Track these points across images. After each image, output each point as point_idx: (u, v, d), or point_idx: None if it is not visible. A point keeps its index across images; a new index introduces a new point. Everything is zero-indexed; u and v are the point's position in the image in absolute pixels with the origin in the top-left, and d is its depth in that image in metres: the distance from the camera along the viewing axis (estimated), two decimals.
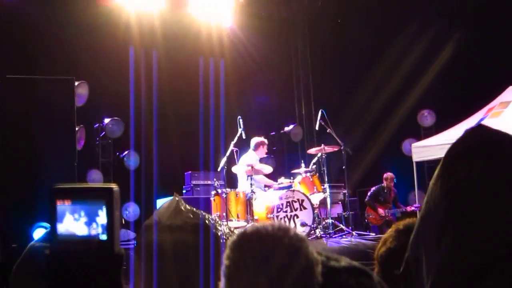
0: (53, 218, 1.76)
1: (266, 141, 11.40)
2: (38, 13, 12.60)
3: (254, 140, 11.18)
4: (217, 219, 1.82)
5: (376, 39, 15.00)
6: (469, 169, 1.44)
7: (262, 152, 11.30)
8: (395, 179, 13.03)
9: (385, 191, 12.89)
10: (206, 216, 1.86)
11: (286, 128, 13.12)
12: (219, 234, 1.76)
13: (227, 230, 1.85)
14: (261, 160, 11.43)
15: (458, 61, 14.09)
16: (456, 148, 1.53)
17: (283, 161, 14.25)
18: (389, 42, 15.00)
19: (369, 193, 13.00)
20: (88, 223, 1.72)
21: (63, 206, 1.75)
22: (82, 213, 1.72)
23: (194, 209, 1.81)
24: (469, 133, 1.55)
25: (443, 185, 1.49)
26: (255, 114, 14.47)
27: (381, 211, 12.66)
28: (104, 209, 1.70)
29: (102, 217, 1.70)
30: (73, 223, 1.73)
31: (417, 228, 1.58)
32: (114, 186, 1.71)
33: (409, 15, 14.72)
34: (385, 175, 12.94)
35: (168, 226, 1.79)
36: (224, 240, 1.78)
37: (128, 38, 13.38)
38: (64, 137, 8.22)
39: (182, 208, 1.77)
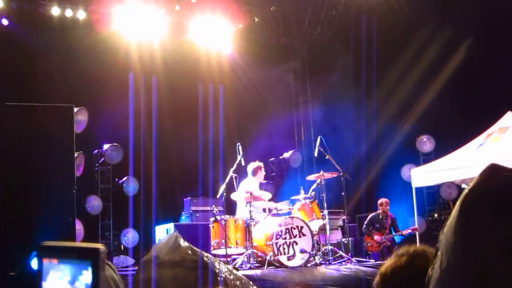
0: (39, 276, 1.77)
1: (262, 165, 11.38)
2: (38, 40, 12.69)
3: (252, 166, 11.18)
4: (215, 258, 1.82)
5: (375, 65, 15.05)
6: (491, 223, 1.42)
7: (261, 176, 11.29)
8: (389, 204, 12.93)
9: (381, 217, 12.78)
10: (205, 254, 1.86)
11: (285, 154, 13.13)
12: (217, 271, 1.76)
13: (226, 269, 1.86)
14: (261, 186, 11.44)
15: (457, 87, 14.14)
16: (475, 197, 1.49)
17: (282, 187, 14.24)
18: (388, 67, 15.07)
19: (365, 222, 12.92)
20: (72, 282, 1.73)
21: (49, 264, 1.77)
22: (67, 272, 1.73)
23: (192, 246, 1.81)
24: (487, 176, 1.51)
25: (464, 241, 1.47)
26: (255, 140, 14.49)
27: (377, 237, 12.58)
28: (90, 269, 1.71)
29: (86, 277, 1.71)
30: (57, 281, 1.74)
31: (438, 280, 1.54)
32: (101, 246, 1.73)
33: (406, 41, 14.81)
34: (379, 201, 12.88)
35: (167, 261, 1.80)
36: (222, 278, 1.78)
37: (128, 65, 13.46)
38: (63, 165, 8.19)
39: (181, 244, 1.77)
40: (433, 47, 14.46)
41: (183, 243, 1.68)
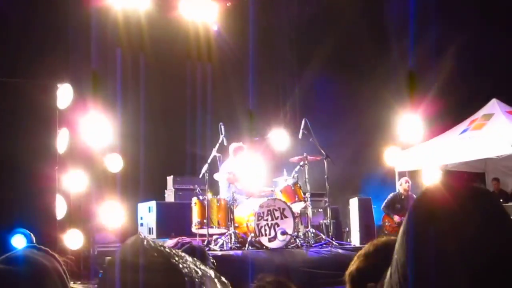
0: None
1: (243, 145, 11.36)
2: (22, 14, 12.51)
3: (232, 146, 11.18)
4: (187, 257, 1.82)
5: (365, 49, 15.06)
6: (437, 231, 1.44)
7: (242, 157, 11.27)
8: (409, 182, 12.72)
9: (402, 197, 12.64)
10: (173, 254, 1.86)
11: (270, 134, 13.12)
12: (184, 272, 1.76)
13: (194, 266, 1.85)
14: (246, 166, 11.45)
15: (443, 73, 14.17)
16: (418, 215, 1.50)
17: (266, 166, 14.21)
18: (380, 51, 15.06)
19: (385, 201, 12.77)
20: None
21: None
22: None
23: (161, 247, 1.81)
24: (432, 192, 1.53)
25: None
26: (241, 120, 14.47)
27: (397, 218, 12.45)
28: None
29: None
30: None
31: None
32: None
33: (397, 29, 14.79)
34: (399, 181, 12.78)
35: (133, 265, 1.79)
36: (196, 280, 1.78)
37: (115, 40, 13.33)
38: (45, 143, 8.19)
39: (147, 246, 1.77)
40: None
41: (150, 245, 1.69)
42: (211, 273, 1.93)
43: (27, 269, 1.95)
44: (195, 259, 2.02)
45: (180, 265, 1.87)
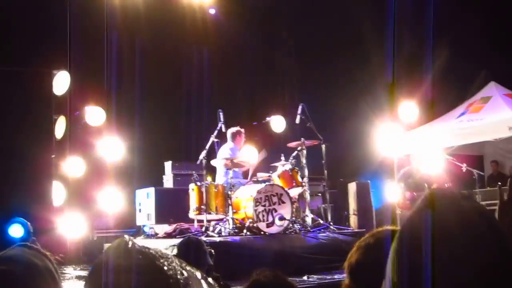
0: None
1: (242, 130, 11.35)
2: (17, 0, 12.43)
3: (230, 131, 11.17)
4: (173, 258, 1.81)
5: (364, 31, 14.98)
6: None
7: (241, 141, 11.27)
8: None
9: (415, 171, 12.38)
10: (158, 256, 1.85)
11: (268, 118, 13.09)
12: (169, 274, 1.76)
13: (179, 268, 1.85)
14: (244, 151, 11.45)
15: (440, 56, 14.11)
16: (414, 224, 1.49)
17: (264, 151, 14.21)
18: (378, 33, 14.97)
19: (399, 175, 12.54)
20: None
21: None
22: None
23: (146, 249, 1.80)
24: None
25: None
26: (239, 104, 14.45)
27: (408, 194, 12.16)
28: None
29: None
30: None
31: None
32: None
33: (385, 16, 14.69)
34: (412, 155, 12.56)
35: (118, 267, 1.78)
36: (181, 282, 1.78)
37: (111, 24, 13.26)
38: (41, 130, 8.18)
39: (132, 248, 1.77)
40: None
41: (135, 247, 1.69)
42: (198, 274, 1.92)
43: (18, 269, 1.95)
44: (181, 260, 2.01)
45: (165, 267, 1.86)
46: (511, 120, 11.65)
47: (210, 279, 1.96)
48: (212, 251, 5.15)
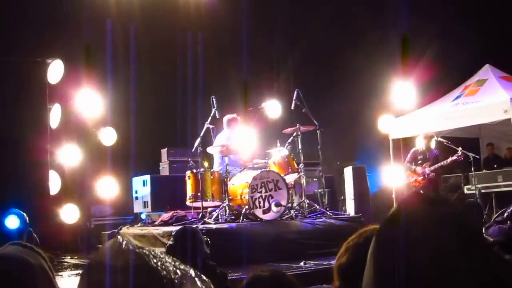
0: None
1: (237, 117, 11.33)
2: None
3: (226, 118, 11.16)
4: (166, 257, 1.82)
5: (359, 16, 14.97)
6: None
7: (236, 128, 11.26)
8: (434, 138, 12.44)
9: (423, 149, 12.44)
10: (151, 256, 1.85)
11: (264, 104, 13.07)
12: (163, 274, 1.76)
13: (178, 270, 1.85)
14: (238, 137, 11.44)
15: (435, 40, 14.10)
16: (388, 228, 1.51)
17: (259, 137, 14.19)
18: (371, 20, 14.96)
19: (407, 157, 12.60)
20: None
21: None
22: None
23: (140, 249, 1.81)
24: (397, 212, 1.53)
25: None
26: (234, 89, 14.40)
27: (419, 169, 12.28)
28: None
29: None
30: None
31: None
32: None
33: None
34: (423, 135, 12.51)
35: (111, 268, 1.79)
36: (176, 281, 1.78)
37: (106, 11, 13.21)
38: (36, 118, 8.17)
39: (125, 248, 1.77)
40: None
41: (128, 247, 1.69)
42: (192, 272, 1.92)
43: (12, 269, 1.95)
44: (175, 259, 2.02)
45: (159, 267, 1.86)
46: (507, 103, 11.65)
47: (204, 277, 1.96)
48: (208, 240, 5.16)
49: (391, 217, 1.51)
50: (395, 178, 13.53)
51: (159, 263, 1.87)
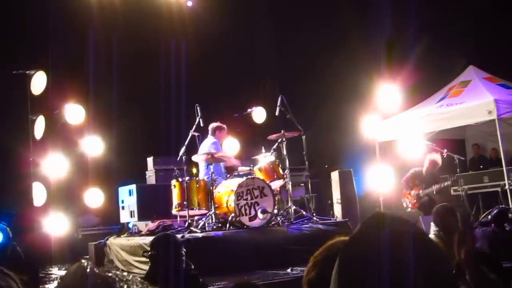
0: None
1: (223, 125, 11.33)
2: None
3: (211, 126, 11.18)
4: (135, 280, 1.81)
5: (343, 20, 15.00)
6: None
7: (222, 136, 11.27)
8: (438, 165, 12.17)
9: (424, 174, 12.24)
10: (117, 279, 1.85)
11: (250, 110, 13.07)
12: None
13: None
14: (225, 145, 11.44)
15: (419, 42, 14.16)
16: (350, 249, 1.52)
17: (244, 144, 14.17)
18: (355, 23, 14.99)
19: (407, 175, 12.44)
20: None
21: None
22: None
23: (105, 272, 1.80)
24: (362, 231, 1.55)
25: None
26: (218, 96, 14.39)
27: (414, 192, 12.21)
28: None
29: None
30: None
31: None
32: None
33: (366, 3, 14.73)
34: (430, 159, 12.20)
35: None
36: None
37: (88, 20, 13.17)
38: (19, 132, 8.13)
39: (91, 273, 1.76)
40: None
41: (94, 272, 1.67)
42: None
43: None
44: (142, 280, 2.02)
45: None
46: (491, 104, 11.70)
47: None
48: (185, 250, 5.15)
49: (353, 238, 1.52)
50: (381, 181, 13.56)
51: (124, 286, 1.87)
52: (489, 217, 8.13)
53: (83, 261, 1.82)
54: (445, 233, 5.96)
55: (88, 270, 1.92)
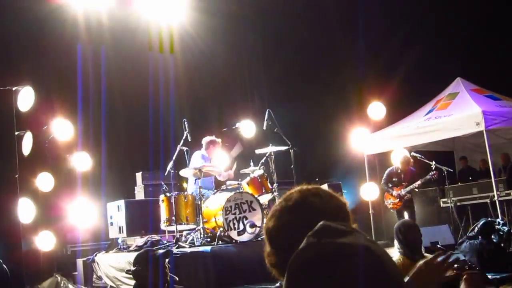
0: None
1: (217, 140, 11.28)
2: None
3: (205, 139, 11.14)
4: None
5: (328, 34, 15.05)
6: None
7: (214, 151, 11.21)
8: (409, 162, 12.29)
9: (398, 171, 12.31)
10: None
11: (238, 124, 13.06)
12: None
13: None
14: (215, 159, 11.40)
15: (407, 55, 14.23)
16: (295, 265, 1.53)
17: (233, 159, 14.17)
18: (342, 36, 15.05)
19: (383, 178, 12.47)
20: None
21: None
22: None
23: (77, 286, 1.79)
24: (308, 246, 1.55)
25: None
26: (207, 111, 14.40)
27: (394, 192, 12.17)
28: None
29: None
30: None
31: None
32: None
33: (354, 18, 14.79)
34: (401, 159, 12.33)
35: None
36: None
37: (75, 36, 13.16)
38: (4, 149, 8.09)
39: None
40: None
41: (66, 286, 1.64)
42: None
43: None
44: None
45: None
46: (479, 115, 11.71)
47: None
48: (168, 266, 5.13)
49: (301, 250, 1.53)
50: (371, 193, 13.57)
51: None
52: (476, 229, 8.13)
53: (56, 275, 1.81)
54: (411, 250, 5.88)
55: (62, 285, 1.90)
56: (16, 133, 10.02)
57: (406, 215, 11.89)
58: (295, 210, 2.02)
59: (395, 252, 6.10)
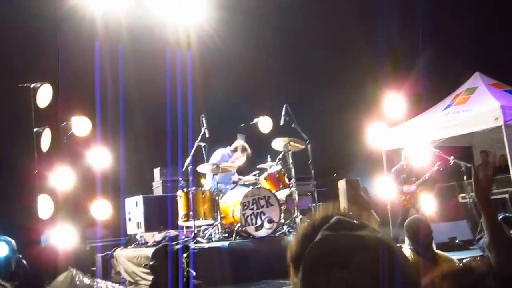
0: None
1: (249, 151, 11.17)
2: None
3: (240, 143, 11.12)
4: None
5: (345, 29, 14.99)
6: (327, 281, 1.46)
7: (241, 158, 11.10)
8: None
9: (405, 167, 12.41)
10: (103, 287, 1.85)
11: (256, 119, 13.05)
12: None
13: None
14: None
15: (425, 50, 14.14)
16: (312, 257, 1.53)
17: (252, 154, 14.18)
18: (361, 30, 15.00)
19: (392, 176, 12.55)
20: None
21: None
22: None
23: (93, 281, 1.80)
24: (324, 238, 1.56)
25: None
26: (224, 107, 14.41)
27: (404, 188, 12.26)
28: None
29: None
30: None
31: None
32: None
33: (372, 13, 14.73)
34: (404, 154, 12.51)
35: None
36: None
37: (93, 33, 13.22)
38: (23, 145, 8.16)
39: (78, 282, 1.75)
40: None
41: (81, 281, 1.65)
42: None
43: None
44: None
45: None
46: (497, 110, 11.63)
47: None
48: (186, 261, 5.15)
49: (317, 242, 1.53)
50: (388, 189, 13.50)
51: None
52: None
53: (71, 269, 1.82)
54: (421, 247, 5.82)
55: (76, 279, 1.92)
56: (35, 129, 10.08)
57: (416, 211, 11.86)
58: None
59: (405, 249, 6.07)
